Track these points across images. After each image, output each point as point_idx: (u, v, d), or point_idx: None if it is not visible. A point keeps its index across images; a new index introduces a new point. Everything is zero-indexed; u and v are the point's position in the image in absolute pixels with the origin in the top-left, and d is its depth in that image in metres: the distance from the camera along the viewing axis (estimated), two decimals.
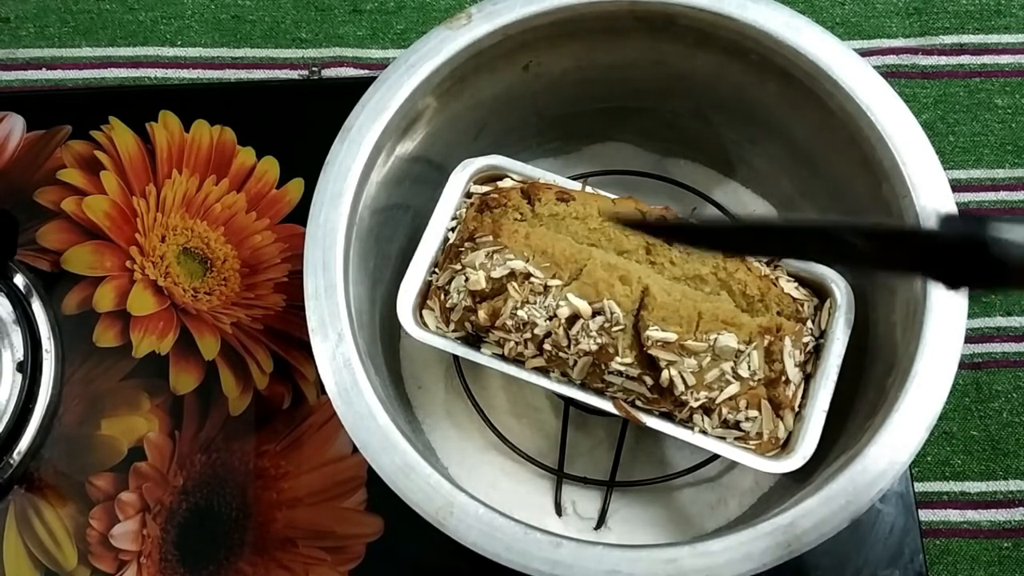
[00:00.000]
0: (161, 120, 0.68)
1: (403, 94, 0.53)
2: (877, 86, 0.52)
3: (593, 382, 0.50)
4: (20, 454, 0.59)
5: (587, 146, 0.65)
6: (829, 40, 0.53)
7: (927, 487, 0.66)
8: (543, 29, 0.55)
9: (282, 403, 0.61)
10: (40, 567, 0.57)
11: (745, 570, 0.44)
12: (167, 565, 0.58)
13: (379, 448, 0.46)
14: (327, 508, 0.59)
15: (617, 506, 0.57)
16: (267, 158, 0.67)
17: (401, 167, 0.56)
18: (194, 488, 0.59)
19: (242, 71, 0.77)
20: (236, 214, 0.66)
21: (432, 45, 0.54)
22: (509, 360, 0.51)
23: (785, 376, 0.50)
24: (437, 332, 0.52)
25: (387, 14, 0.79)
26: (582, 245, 0.51)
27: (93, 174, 0.67)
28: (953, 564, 0.64)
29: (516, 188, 0.54)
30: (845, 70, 0.52)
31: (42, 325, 0.62)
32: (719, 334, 0.48)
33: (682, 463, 0.57)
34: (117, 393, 0.61)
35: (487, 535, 0.44)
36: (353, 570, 0.57)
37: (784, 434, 0.50)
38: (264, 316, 0.63)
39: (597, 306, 0.49)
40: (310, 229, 0.51)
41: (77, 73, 0.76)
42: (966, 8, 0.80)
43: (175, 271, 0.64)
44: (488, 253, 0.50)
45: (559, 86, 0.60)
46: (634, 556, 0.44)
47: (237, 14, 0.79)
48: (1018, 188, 0.74)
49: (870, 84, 0.52)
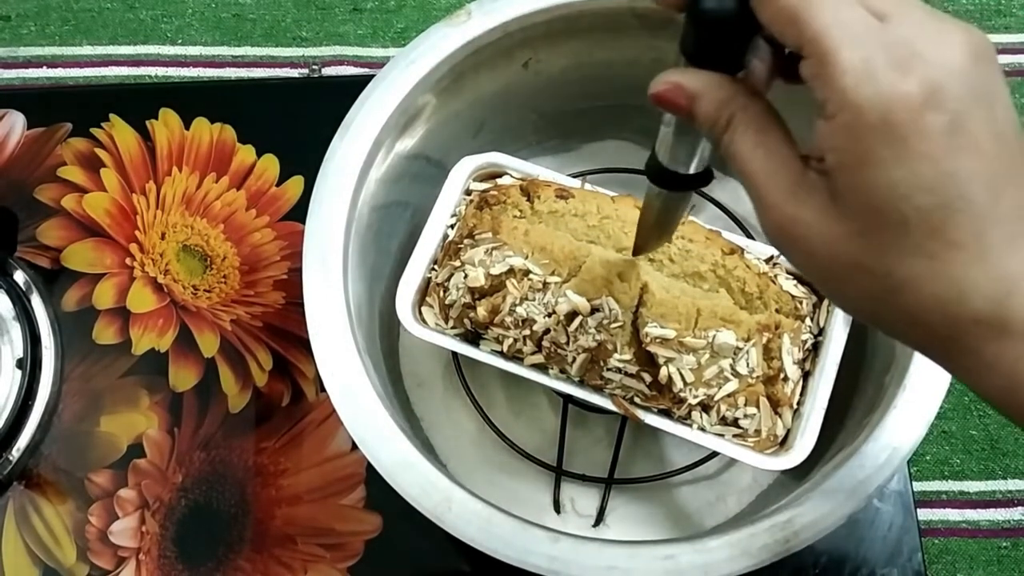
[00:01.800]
0: (161, 118, 0.68)
1: (402, 91, 0.53)
2: None
3: (592, 379, 0.50)
4: (19, 451, 0.59)
5: (586, 144, 0.65)
6: None
7: (926, 486, 0.66)
8: (542, 26, 0.55)
9: (281, 400, 0.61)
10: (39, 564, 0.57)
11: (743, 567, 0.44)
12: (166, 562, 0.58)
13: (378, 444, 0.46)
14: (326, 505, 0.59)
15: (616, 503, 0.57)
16: (267, 156, 0.68)
17: (400, 164, 0.56)
18: (193, 485, 0.59)
19: (242, 69, 0.77)
20: (236, 212, 0.66)
21: (432, 42, 0.54)
22: (508, 357, 0.52)
23: (784, 373, 0.50)
24: (436, 329, 0.52)
25: (387, 13, 0.79)
26: (581, 242, 0.51)
27: (93, 171, 0.67)
28: (952, 563, 0.64)
29: (515, 185, 0.54)
30: None
31: (42, 322, 0.62)
32: (718, 331, 0.48)
33: (681, 460, 0.57)
34: (116, 390, 0.61)
35: (485, 531, 0.44)
36: (352, 567, 0.57)
37: (782, 431, 0.50)
38: (263, 313, 0.63)
39: (596, 303, 0.49)
40: (309, 226, 0.51)
41: (78, 71, 0.77)
42: (966, 8, 0.80)
43: (175, 268, 0.64)
44: (487, 250, 0.51)
45: (558, 84, 0.60)
46: (632, 552, 0.44)
47: (238, 13, 0.79)
48: None
49: None
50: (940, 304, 0.29)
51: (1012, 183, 0.28)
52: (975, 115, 0.28)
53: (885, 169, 0.27)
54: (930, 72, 0.27)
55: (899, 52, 0.27)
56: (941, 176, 0.27)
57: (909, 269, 0.29)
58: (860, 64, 0.27)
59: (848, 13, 0.27)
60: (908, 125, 0.27)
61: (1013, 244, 0.28)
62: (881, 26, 0.28)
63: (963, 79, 0.27)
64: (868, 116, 0.27)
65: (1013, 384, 0.29)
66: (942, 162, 0.27)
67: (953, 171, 0.27)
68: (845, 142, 0.28)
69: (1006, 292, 0.28)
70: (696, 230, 0.52)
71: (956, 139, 0.27)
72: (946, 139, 0.27)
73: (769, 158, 0.30)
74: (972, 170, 0.28)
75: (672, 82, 0.32)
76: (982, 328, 0.29)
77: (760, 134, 0.30)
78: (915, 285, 0.29)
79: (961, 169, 0.27)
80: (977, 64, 0.28)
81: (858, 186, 0.28)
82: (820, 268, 0.31)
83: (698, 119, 0.31)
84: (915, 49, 0.27)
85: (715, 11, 0.28)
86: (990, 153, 0.28)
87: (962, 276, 0.28)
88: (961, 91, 0.27)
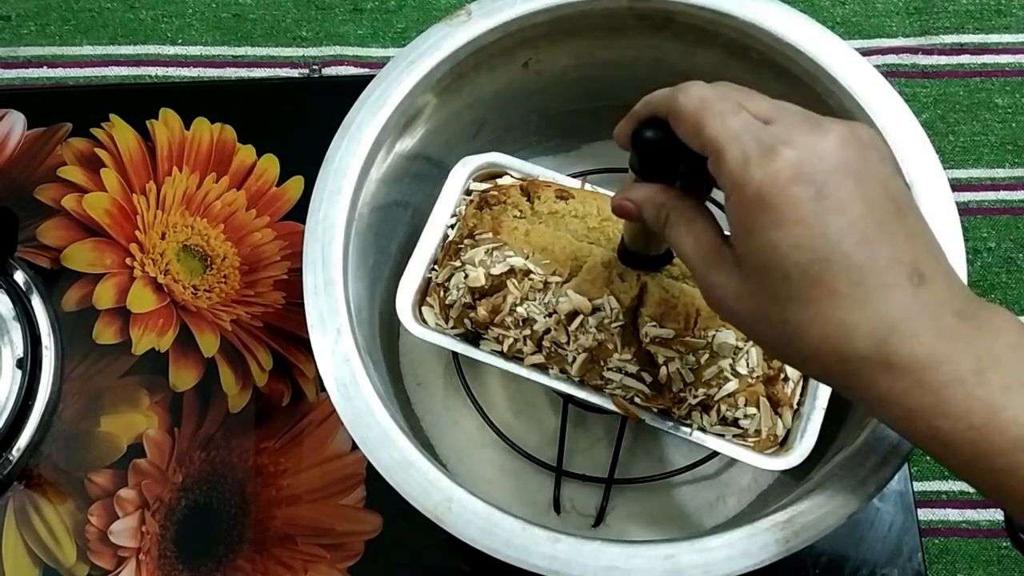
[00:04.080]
0: (162, 118, 0.68)
1: (403, 91, 0.53)
2: (877, 85, 0.52)
3: (592, 379, 0.50)
4: (19, 451, 0.59)
5: (587, 144, 0.65)
6: (829, 38, 0.53)
7: (926, 486, 0.66)
8: (543, 26, 0.55)
9: (281, 400, 0.61)
10: (39, 563, 0.57)
11: (743, 567, 0.44)
12: (166, 562, 0.58)
13: (378, 444, 0.46)
14: (326, 505, 0.59)
15: (616, 503, 0.57)
16: (267, 156, 0.68)
17: (401, 164, 0.56)
18: (193, 485, 0.59)
19: (243, 69, 0.77)
20: (236, 212, 0.66)
21: (432, 42, 0.54)
22: (508, 357, 0.51)
23: (784, 373, 0.50)
24: (436, 329, 0.52)
25: (387, 13, 0.79)
26: (581, 242, 0.51)
27: (93, 171, 0.67)
28: (952, 563, 0.64)
29: (516, 185, 0.54)
30: (845, 68, 0.52)
31: (42, 322, 0.62)
32: (717, 331, 0.48)
33: (681, 460, 0.57)
34: (116, 390, 0.61)
35: (485, 531, 0.44)
36: (352, 567, 0.57)
37: (783, 431, 0.50)
38: (264, 313, 0.63)
39: (596, 303, 0.49)
40: (309, 225, 0.51)
41: (78, 71, 0.77)
42: (966, 8, 0.80)
43: (175, 268, 0.64)
44: (488, 250, 0.51)
45: (559, 84, 0.60)
46: (632, 552, 0.44)
47: (238, 13, 0.79)
48: (1018, 188, 0.74)
49: (870, 83, 0.52)
50: (829, 344, 0.33)
51: (885, 240, 0.32)
52: (842, 185, 0.32)
53: (765, 233, 0.33)
54: (796, 154, 0.32)
55: (771, 143, 0.33)
56: (812, 235, 0.32)
57: (797, 315, 0.33)
58: (740, 154, 0.33)
59: (733, 120, 0.34)
60: (778, 196, 0.32)
61: (890, 291, 0.32)
62: (762, 126, 0.34)
63: (829, 157, 0.33)
64: (747, 192, 0.33)
65: (907, 414, 0.33)
66: (812, 223, 0.32)
67: (823, 230, 0.32)
68: (736, 215, 0.34)
69: (887, 331, 0.32)
70: None
71: (823, 204, 0.32)
72: (813, 204, 0.32)
73: (694, 242, 0.37)
74: (841, 229, 0.32)
75: (623, 197, 0.40)
76: (870, 366, 0.33)
77: (688, 225, 0.37)
78: (805, 329, 0.33)
79: (831, 228, 0.32)
80: (845, 147, 0.33)
81: (749, 249, 0.34)
82: (737, 321, 0.37)
83: (645, 220, 0.39)
84: (786, 139, 0.33)
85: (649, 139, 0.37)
86: (861, 213, 0.32)
87: (844, 319, 0.33)
88: (826, 167, 0.32)
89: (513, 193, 0.53)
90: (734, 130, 0.34)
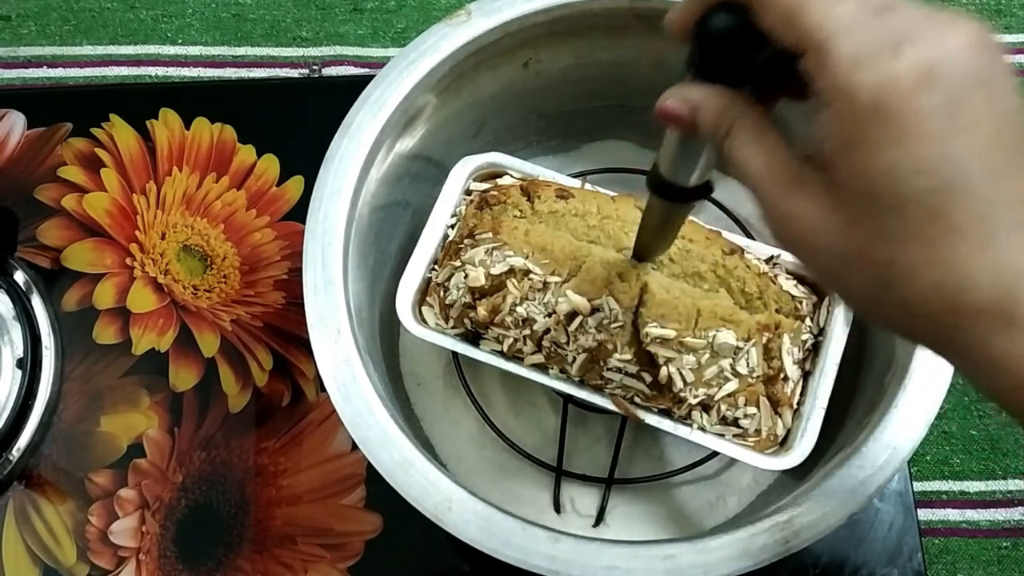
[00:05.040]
0: (162, 118, 0.68)
1: (403, 91, 0.53)
2: None
3: (592, 379, 0.50)
4: (19, 451, 0.59)
5: (587, 144, 0.65)
6: None
7: (926, 486, 0.66)
8: (543, 26, 0.55)
9: (281, 400, 0.61)
10: (39, 563, 0.57)
11: (743, 567, 0.44)
12: (166, 562, 0.58)
13: (378, 444, 0.46)
14: (326, 505, 0.59)
15: (616, 503, 0.57)
16: (267, 156, 0.68)
17: (401, 164, 0.56)
18: (193, 485, 0.59)
19: (243, 69, 0.77)
20: (236, 211, 0.66)
21: (432, 42, 0.54)
22: (508, 357, 0.51)
23: (784, 373, 0.50)
24: (436, 329, 0.52)
25: (387, 13, 0.79)
26: (581, 242, 0.51)
27: (93, 171, 0.67)
28: (952, 563, 0.64)
29: (516, 185, 0.54)
30: None
31: (42, 322, 0.62)
32: (718, 331, 0.48)
33: (681, 460, 0.57)
34: (117, 390, 0.61)
35: (485, 531, 0.44)
36: (352, 567, 0.57)
37: (783, 431, 0.50)
38: (264, 313, 0.63)
39: (596, 303, 0.49)
40: (309, 225, 0.51)
41: (78, 71, 0.77)
42: (966, 8, 0.80)
43: (175, 268, 0.64)
44: (488, 250, 0.51)
45: (559, 83, 0.60)
46: (632, 552, 0.44)
47: (238, 13, 0.79)
48: None
49: None
50: (941, 293, 0.28)
51: (1014, 172, 0.27)
52: (974, 97, 0.27)
53: (880, 151, 0.27)
54: (924, 54, 0.26)
55: (892, 38, 0.27)
56: (938, 157, 0.26)
57: (907, 256, 0.28)
58: (852, 51, 0.27)
59: (842, 8, 0.28)
60: (902, 106, 0.26)
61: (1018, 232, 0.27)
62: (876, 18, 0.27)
63: (961, 62, 0.27)
64: (861, 100, 0.27)
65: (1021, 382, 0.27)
66: (939, 142, 0.26)
67: (951, 152, 0.26)
68: (840, 128, 0.28)
69: (1014, 281, 0.27)
70: (696, 230, 0.52)
71: (954, 120, 0.27)
72: (943, 119, 0.26)
73: (767, 159, 0.31)
74: (972, 152, 0.27)
75: (676, 96, 0.32)
76: (987, 320, 0.27)
77: (758, 137, 0.31)
78: (914, 273, 0.28)
79: (960, 150, 0.27)
80: (976, 50, 0.27)
81: (853, 171, 0.28)
82: (821, 260, 0.30)
83: (701, 128, 0.32)
84: (909, 35, 0.27)
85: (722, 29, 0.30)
86: (991, 137, 0.27)
87: (964, 264, 0.27)
88: (958, 73, 0.27)
89: (513, 193, 0.53)
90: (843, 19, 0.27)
